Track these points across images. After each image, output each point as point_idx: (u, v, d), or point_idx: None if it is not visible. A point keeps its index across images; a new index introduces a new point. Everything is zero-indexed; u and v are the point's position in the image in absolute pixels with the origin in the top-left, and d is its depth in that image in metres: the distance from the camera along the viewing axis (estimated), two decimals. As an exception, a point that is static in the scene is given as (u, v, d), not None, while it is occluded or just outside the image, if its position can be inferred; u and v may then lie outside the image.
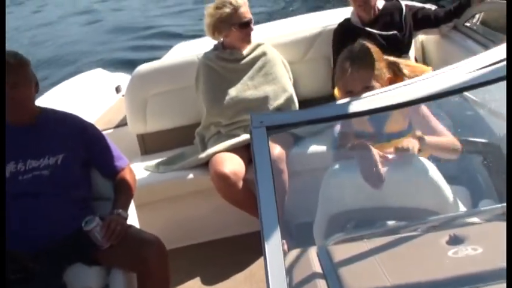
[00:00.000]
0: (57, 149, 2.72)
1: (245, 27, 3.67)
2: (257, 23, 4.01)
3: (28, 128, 2.73)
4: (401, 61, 2.61)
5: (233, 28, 3.67)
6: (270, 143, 1.55)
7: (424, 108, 2.47)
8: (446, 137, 2.46)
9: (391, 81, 2.53)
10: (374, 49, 2.55)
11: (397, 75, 2.56)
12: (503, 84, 1.63)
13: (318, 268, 1.68)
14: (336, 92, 2.70)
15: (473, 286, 1.42)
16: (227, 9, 3.64)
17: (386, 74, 2.52)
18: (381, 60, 2.53)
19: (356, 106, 1.50)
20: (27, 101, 2.69)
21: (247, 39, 3.72)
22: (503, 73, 1.56)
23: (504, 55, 1.68)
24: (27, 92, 2.66)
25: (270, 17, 10.31)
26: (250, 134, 1.54)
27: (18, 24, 15.71)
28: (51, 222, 2.63)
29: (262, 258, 3.49)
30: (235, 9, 3.64)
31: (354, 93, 2.47)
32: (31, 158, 2.67)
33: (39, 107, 2.81)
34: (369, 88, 2.46)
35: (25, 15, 17.60)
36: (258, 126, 1.50)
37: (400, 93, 1.78)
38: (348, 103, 1.55)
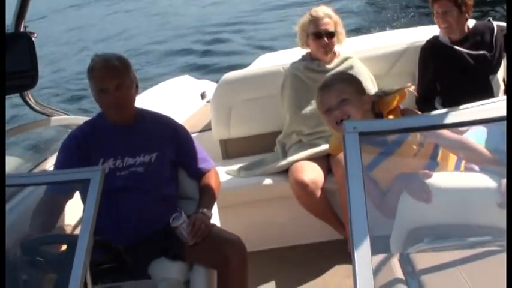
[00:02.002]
0: (152, 147, 2.87)
1: (318, 38, 3.75)
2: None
3: (127, 127, 2.89)
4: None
5: (309, 37, 3.77)
6: None
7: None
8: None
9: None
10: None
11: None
12: None
13: (400, 274, 1.72)
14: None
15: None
16: (306, 18, 3.80)
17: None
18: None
19: (452, 117, 1.54)
20: (129, 101, 2.85)
21: (322, 51, 3.78)
22: None
23: None
24: (129, 94, 2.83)
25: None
26: (343, 140, 1.59)
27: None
28: (142, 217, 2.78)
29: (335, 267, 3.53)
30: (313, 19, 3.75)
31: (332, 109, 2.54)
32: (128, 155, 2.83)
33: (137, 108, 2.96)
34: (345, 101, 2.52)
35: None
36: (351, 132, 1.56)
37: (486, 109, 1.79)
38: (442, 115, 1.59)
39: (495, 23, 3.77)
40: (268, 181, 3.70)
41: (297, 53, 4.05)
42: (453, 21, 3.61)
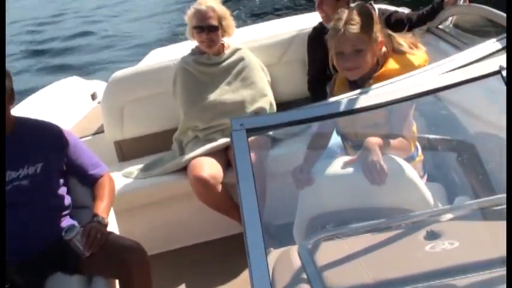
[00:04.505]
0: (36, 158, 2.70)
1: (199, 31, 3.68)
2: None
3: (6, 139, 2.67)
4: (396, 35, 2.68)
5: (193, 30, 3.70)
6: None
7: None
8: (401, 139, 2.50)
9: (384, 45, 2.61)
10: (369, 11, 2.57)
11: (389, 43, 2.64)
12: (476, 85, 1.67)
13: (299, 266, 1.70)
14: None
15: (450, 279, 1.46)
16: (190, 11, 3.71)
17: (380, 37, 2.57)
18: (376, 23, 2.57)
19: (333, 107, 1.54)
20: None
21: (205, 45, 3.72)
22: (477, 74, 1.61)
23: (477, 56, 1.73)
24: None
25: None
26: (231, 137, 1.56)
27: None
28: (31, 232, 2.62)
29: (243, 261, 3.50)
30: (196, 12, 3.67)
31: (344, 55, 2.52)
32: (10, 169, 2.64)
33: (14, 117, 2.76)
34: (360, 52, 2.50)
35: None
36: (238, 129, 1.52)
37: (376, 94, 1.82)
38: (326, 105, 1.59)
39: (376, 6, 3.85)
40: (167, 180, 3.61)
41: (188, 46, 3.97)
42: (329, 10, 3.64)
